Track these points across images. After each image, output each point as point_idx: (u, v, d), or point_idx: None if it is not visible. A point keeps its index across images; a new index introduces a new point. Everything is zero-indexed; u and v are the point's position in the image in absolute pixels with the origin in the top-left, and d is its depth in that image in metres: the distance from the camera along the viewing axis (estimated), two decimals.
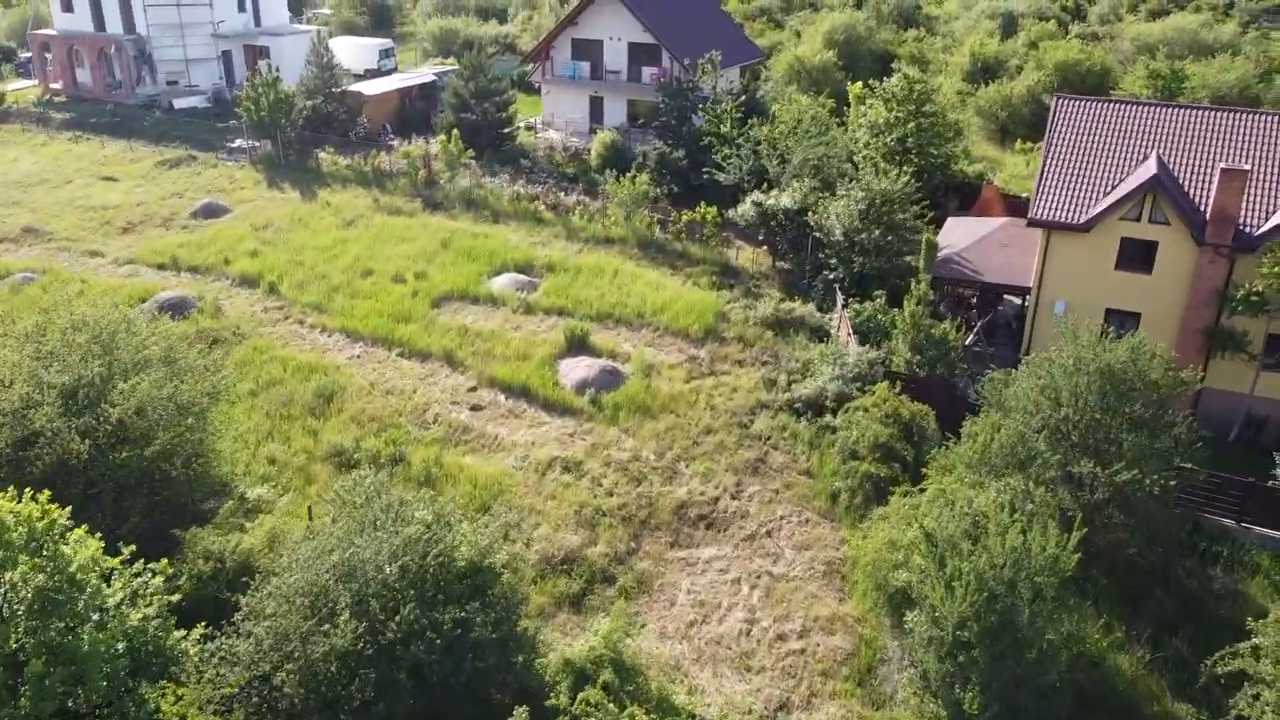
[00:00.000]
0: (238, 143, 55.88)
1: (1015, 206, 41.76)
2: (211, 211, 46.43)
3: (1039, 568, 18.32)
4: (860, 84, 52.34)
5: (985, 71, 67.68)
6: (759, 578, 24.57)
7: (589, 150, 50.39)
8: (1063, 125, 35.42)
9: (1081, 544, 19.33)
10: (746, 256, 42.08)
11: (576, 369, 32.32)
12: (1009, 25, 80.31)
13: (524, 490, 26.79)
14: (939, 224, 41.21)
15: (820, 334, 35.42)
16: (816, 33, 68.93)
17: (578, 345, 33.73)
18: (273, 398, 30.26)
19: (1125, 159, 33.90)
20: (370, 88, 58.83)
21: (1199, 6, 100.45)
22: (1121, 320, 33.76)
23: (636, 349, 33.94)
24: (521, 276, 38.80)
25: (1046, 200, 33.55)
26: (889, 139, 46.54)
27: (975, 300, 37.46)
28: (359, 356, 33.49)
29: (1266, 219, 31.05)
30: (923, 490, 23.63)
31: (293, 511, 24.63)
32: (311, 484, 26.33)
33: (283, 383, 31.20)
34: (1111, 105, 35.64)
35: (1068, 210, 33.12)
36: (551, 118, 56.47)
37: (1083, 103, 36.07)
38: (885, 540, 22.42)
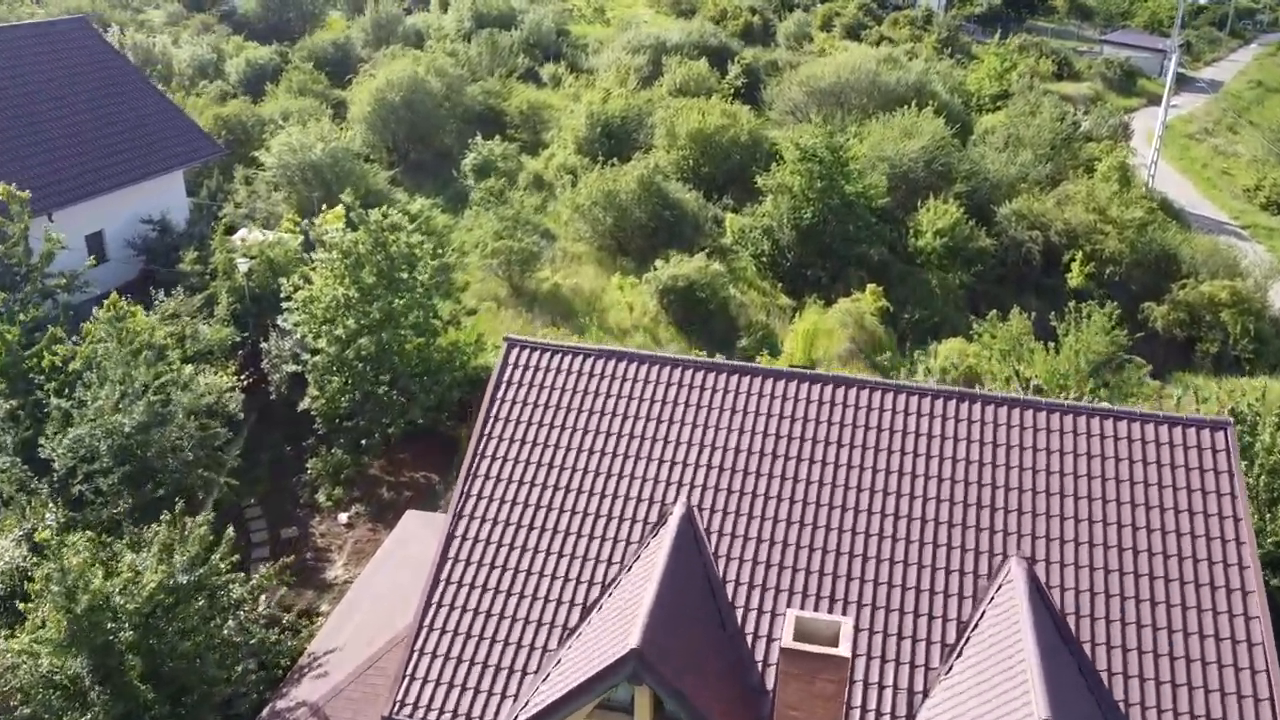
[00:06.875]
0: None
1: None
2: None
3: None
4: (347, 198, 30.38)
5: (610, 139, 48.39)
6: None
7: None
8: (500, 430, 15.71)
9: None
10: None
11: None
12: (660, 63, 61.27)
13: None
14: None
15: None
16: (363, 93, 47.41)
17: None
18: None
19: (618, 530, 14.56)
20: None
21: (896, 20, 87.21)
22: None
23: None
24: None
25: (427, 667, 13.64)
26: (335, 336, 25.92)
27: None
28: None
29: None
30: None
31: None
32: None
33: None
34: (589, 363, 16.21)
35: (461, 697, 13.30)
36: None
37: (542, 356, 16.49)
38: None
